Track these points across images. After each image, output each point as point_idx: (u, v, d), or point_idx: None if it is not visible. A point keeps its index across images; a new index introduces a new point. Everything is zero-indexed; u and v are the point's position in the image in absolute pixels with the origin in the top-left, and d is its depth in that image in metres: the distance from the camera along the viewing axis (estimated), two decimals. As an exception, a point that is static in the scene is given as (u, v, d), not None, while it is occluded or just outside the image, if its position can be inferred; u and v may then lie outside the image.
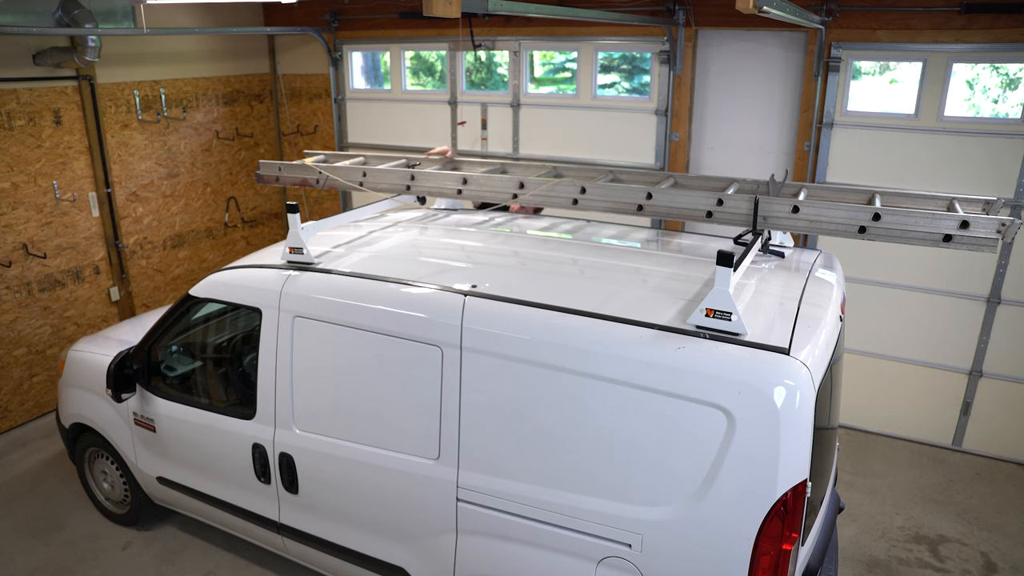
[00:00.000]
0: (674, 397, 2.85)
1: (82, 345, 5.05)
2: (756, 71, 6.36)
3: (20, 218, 6.12)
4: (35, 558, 4.79)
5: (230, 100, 8.01)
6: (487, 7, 3.57)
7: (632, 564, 3.01)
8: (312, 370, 3.75)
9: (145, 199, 7.23)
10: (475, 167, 4.59)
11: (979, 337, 5.90)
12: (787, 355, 2.77)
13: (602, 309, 3.12)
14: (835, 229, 3.37)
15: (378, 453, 3.58)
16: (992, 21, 5.28)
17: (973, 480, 5.77)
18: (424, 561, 3.59)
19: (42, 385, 6.56)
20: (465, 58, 7.43)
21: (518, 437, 3.21)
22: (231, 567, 4.72)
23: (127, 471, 4.82)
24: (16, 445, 6.12)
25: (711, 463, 2.81)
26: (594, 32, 6.67)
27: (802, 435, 2.72)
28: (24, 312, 6.28)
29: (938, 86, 5.58)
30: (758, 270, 3.60)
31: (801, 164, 6.19)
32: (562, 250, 4.09)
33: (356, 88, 8.23)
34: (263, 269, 3.95)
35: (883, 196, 3.57)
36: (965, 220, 3.09)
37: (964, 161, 5.61)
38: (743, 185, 3.91)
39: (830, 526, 3.70)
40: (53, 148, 6.30)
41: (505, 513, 3.28)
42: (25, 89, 6.02)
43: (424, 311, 3.38)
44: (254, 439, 3.97)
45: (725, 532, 2.82)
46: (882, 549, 4.96)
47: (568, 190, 3.87)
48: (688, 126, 6.62)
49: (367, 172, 4.39)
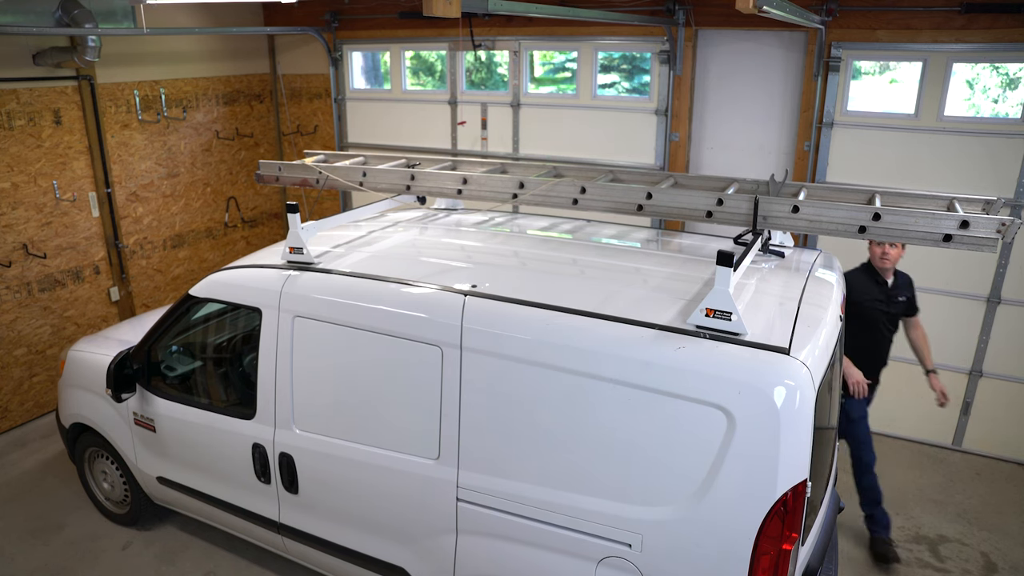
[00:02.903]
0: (674, 397, 2.85)
1: (82, 345, 5.05)
2: (756, 71, 6.36)
3: (20, 218, 6.12)
4: (35, 558, 4.79)
5: (230, 100, 8.01)
6: (487, 7, 3.57)
7: (632, 564, 3.01)
8: (312, 370, 3.75)
9: (145, 199, 7.23)
10: (475, 167, 4.59)
11: (979, 337, 5.90)
12: (787, 355, 2.77)
13: (602, 309, 3.12)
14: (835, 229, 3.37)
15: (378, 453, 3.58)
16: (992, 21, 5.28)
17: (973, 480, 5.77)
18: (424, 561, 3.59)
19: (42, 385, 6.56)
20: (465, 58, 7.43)
21: (518, 437, 3.21)
22: (231, 567, 4.72)
23: (127, 471, 4.82)
24: (16, 445, 6.12)
25: (711, 463, 2.81)
26: (594, 32, 6.67)
27: (802, 435, 2.72)
28: (24, 312, 6.28)
29: (938, 86, 5.58)
30: (758, 270, 3.60)
31: (801, 164, 6.19)
32: (562, 250, 4.09)
33: (356, 88, 8.23)
34: (263, 269, 3.95)
35: (883, 196, 3.56)
36: (965, 220, 3.09)
37: (964, 161, 5.60)
38: (743, 185, 3.90)
39: (830, 526, 3.69)
40: (53, 148, 6.30)
41: (505, 513, 3.28)
42: (25, 89, 6.02)
43: (424, 311, 3.38)
44: (254, 439, 3.97)
45: (725, 532, 2.82)
46: (882, 549, 4.96)
47: (568, 190, 3.86)
48: (688, 126, 6.62)
49: (367, 172, 4.39)
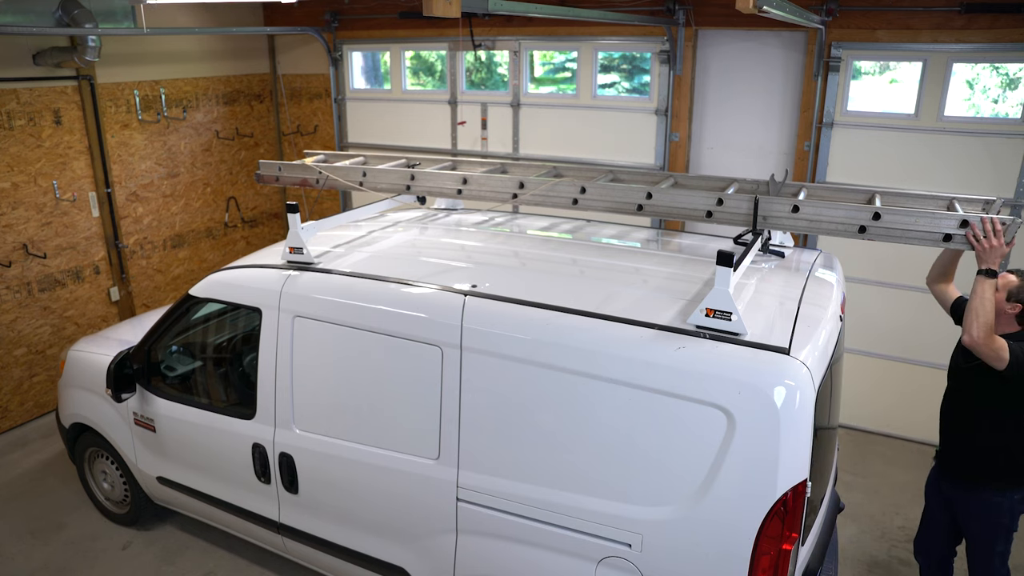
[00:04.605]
0: (674, 397, 2.85)
1: (82, 345, 5.05)
2: (756, 71, 6.36)
3: (20, 218, 6.12)
4: (35, 558, 4.79)
5: (230, 100, 8.01)
6: (487, 7, 3.57)
7: (632, 564, 3.01)
8: (312, 370, 3.75)
9: (145, 199, 7.22)
10: (475, 167, 4.59)
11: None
12: (787, 355, 2.77)
13: (602, 309, 3.12)
14: (835, 229, 3.37)
15: (378, 453, 3.58)
16: (992, 21, 5.28)
17: (973, 480, 5.76)
18: (424, 561, 3.59)
19: (42, 385, 6.56)
20: (465, 58, 7.43)
21: (518, 437, 3.21)
22: (231, 567, 4.72)
23: (127, 471, 4.82)
24: (16, 445, 6.12)
25: (711, 463, 2.81)
26: (594, 32, 6.67)
27: (802, 435, 2.72)
28: (24, 312, 6.28)
29: (938, 86, 5.58)
30: (758, 270, 3.60)
31: (801, 164, 6.19)
32: (562, 250, 4.09)
33: (356, 88, 8.23)
34: (263, 269, 3.95)
35: (883, 196, 3.57)
36: (965, 219, 3.11)
37: (964, 161, 5.60)
38: (743, 185, 3.91)
39: (830, 526, 3.70)
40: (53, 148, 6.30)
41: (505, 513, 3.27)
42: (25, 89, 6.02)
43: (424, 311, 3.38)
44: (254, 439, 3.97)
45: (725, 532, 2.82)
46: (882, 549, 4.96)
47: (568, 190, 3.87)
48: (688, 126, 6.62)
49: (367, 172, 4.39)
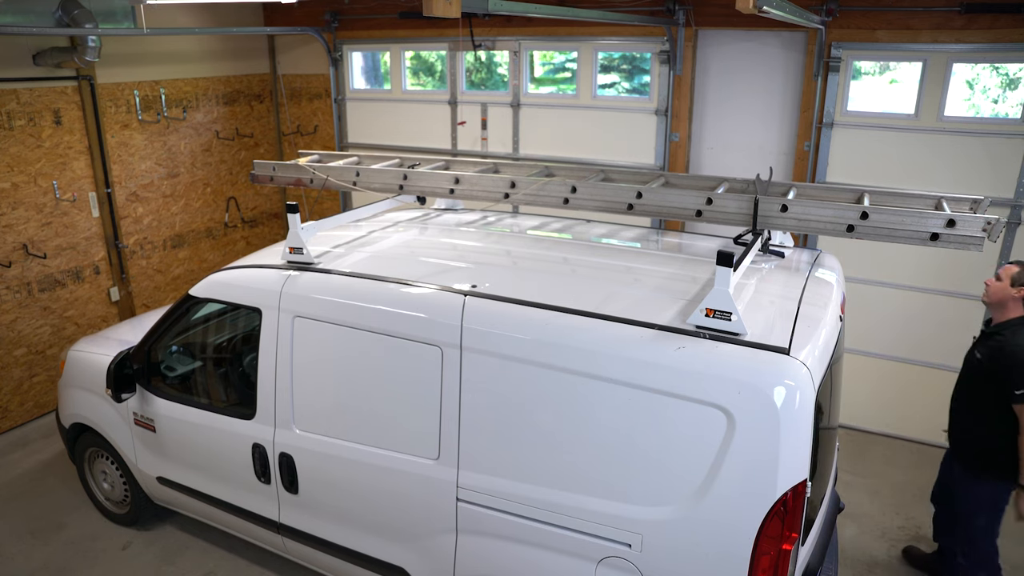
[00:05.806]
0: (674, 397, 2.85)
1: (82, 345, 5.05)
2: (756, 71, 6.36)
3: (20, 218, 6.12)
4: (35, 558, 4.79)
5: (230, 100, 8.01)
6: (487, 7, 3.57)
7: (632, 564, 3.01)
8: (312, 370, 3.75)
9: (145, 199, 7.23)
10: (468, 167, 4.61)
11: (979, 337, 5.90)
12: (787, 355, 2.77)
13: (602, 309, 3.12)
14: (823, 227, 3.42)
15: (378, 453, 3.58)
16: (992, 21, 5.28)
17: (973, 480, 5.76)
18: (424, 561, 3.59)
19: (42, 385, 6.56)
20: (465, 58, 7.43)
21: (518, 437, 3.21)
22: (231, 567, 4.72)
23: (127, 471, 4.82)
24: (16, 445, 6.12)
25: (711, 463, 2.81)
26: (594, 32, 6.67)
27: (802, 435, 2.72)
28: (24, 312, 6.28)
29: (938, 86, 5.58)
30: (758, 270, 3.60)
31: (801, 164, 6.19)
32: (562, 250, 4.10)
33: (356, 88, 8.23)
34: (263, 269, 3.95)
35: (872, 195, 3.63)
36: (951, 219, 3.15)
37: (964, 161, 5.60)
38: (733, 184, 3.96)
39: (830, 526, 3.70)
40: (53, 148, 6.30)
41: (505, 513, 3.28)
42: (25, 89, 6.02)
43: (424, 311, 3.38)
44: (254, 439, 3.97)
45: (725, 532, 2.82)
46: (882, 549, 4.96)
47: (559, 189, 3.89)
48: (688, 126, 6.62)
49: (360, 172, 4.40)
